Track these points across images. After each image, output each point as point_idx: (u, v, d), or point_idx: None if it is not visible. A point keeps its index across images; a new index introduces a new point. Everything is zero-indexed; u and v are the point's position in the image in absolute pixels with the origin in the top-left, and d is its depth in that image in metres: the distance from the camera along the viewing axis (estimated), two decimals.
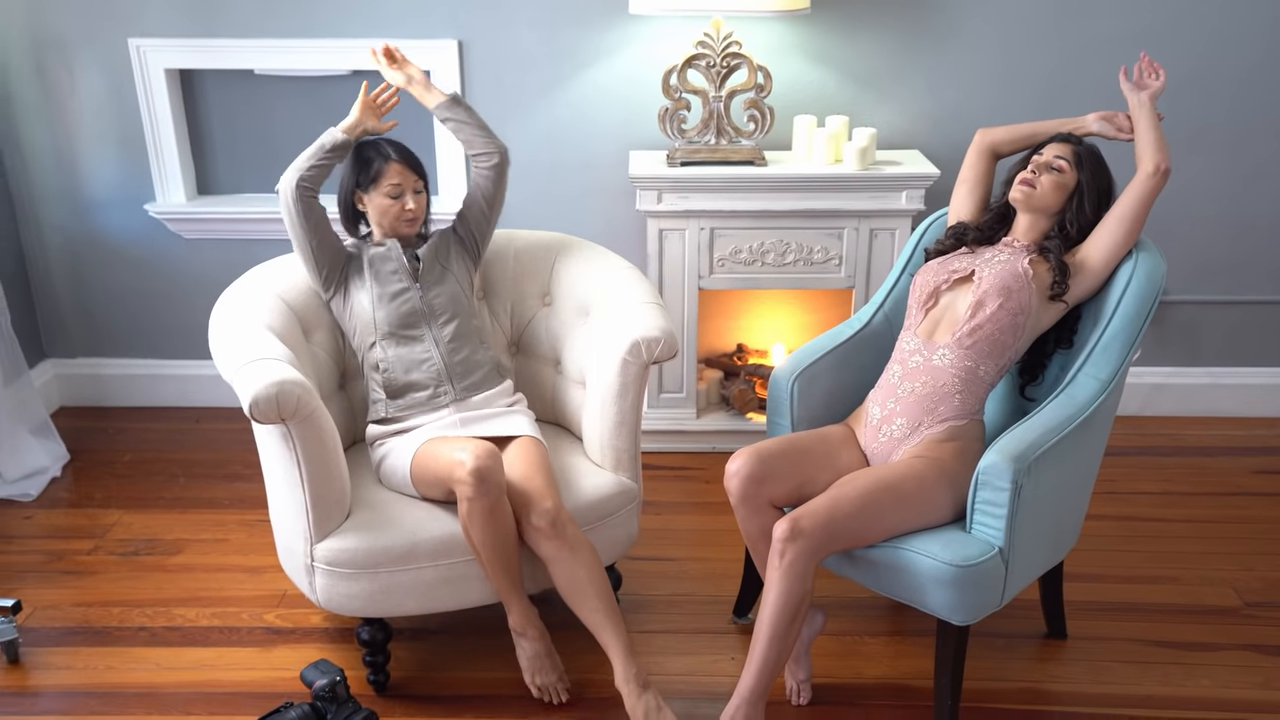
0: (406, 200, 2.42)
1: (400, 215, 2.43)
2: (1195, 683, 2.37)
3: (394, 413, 2.41)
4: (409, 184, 2.42)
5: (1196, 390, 3.57)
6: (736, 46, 3.09)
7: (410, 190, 2.42)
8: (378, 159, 2.41)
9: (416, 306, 2.42)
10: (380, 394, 2.42)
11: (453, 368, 2.42)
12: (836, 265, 3.23)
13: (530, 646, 2.32)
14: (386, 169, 2.40)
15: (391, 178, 2.40)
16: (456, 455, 2.21)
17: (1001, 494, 2.07)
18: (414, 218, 2.44)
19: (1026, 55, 3.25)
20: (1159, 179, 2.21)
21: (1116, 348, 2.23)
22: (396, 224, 2.44)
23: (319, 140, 2.39)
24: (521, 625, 2.31)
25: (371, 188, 2.42)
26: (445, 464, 2.23)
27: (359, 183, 2.43)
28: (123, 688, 2.38)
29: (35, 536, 2.96)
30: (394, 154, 2.42)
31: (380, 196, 2.42)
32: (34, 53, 3.30)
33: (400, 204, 2.42)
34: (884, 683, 2.40)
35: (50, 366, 3.67)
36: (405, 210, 2.42)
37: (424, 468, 2.30)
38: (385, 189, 2.41)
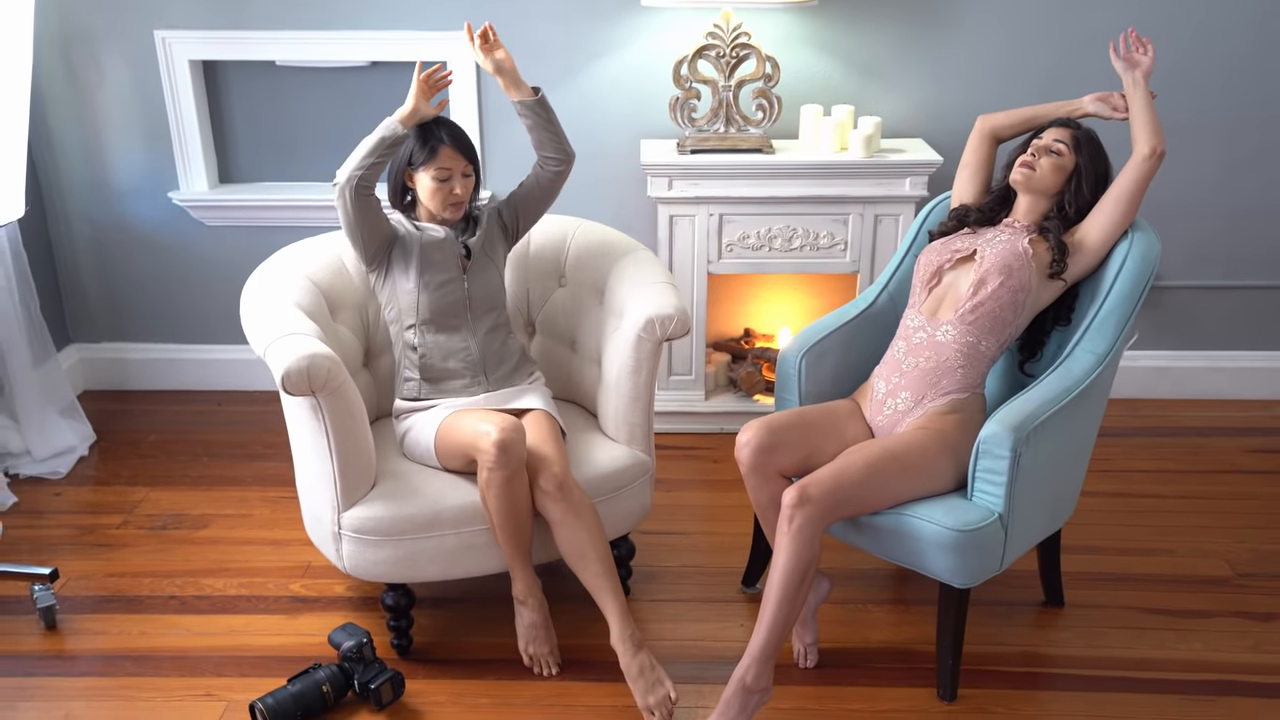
0: (454, 185, 2.43)
1: (447, 199, 2.43)
2: (1187, 647, 2.46)
3: (427, 394, 2.49)
4: (459, 168, 2.42)
5: (1194, 373, 3.66)
6: (745, 37, 3.18)
7: (459, 174, 2.43)
8: (430, 140, 2.40)
9: (460, 297, 2.48)
10: (414, 375, 2.49)
11: (488, 359, 2.50)
12: (842, 250, 3.32)
13: (529, 616, 2.41)
14: (439, 151, 2.40)
15: (443, 161, 2.40)
16: (482, 427, 2.29)
17: (1001, 462, 2.16)
18: (460, 202, 2.45)
19: (1028, 46, 3.33)
20: (1154, 161, 2.29)
21: (1112, 323, 2.31)
22: (442, 207, 2.44)
23: (377, 134, 2.36)
24: (524, 594, 2.40)
25: (422, 168, 2.42)
26: (470, 435, 2.32)
27: (410, 161, 2.43)
28: (156, 651, 2.48)
29: (66, 512, 3.06)
30: (447, 137, 2.41)
31: (429, 178, 2.42)
32: (62, 46, 3.40)
33: (449, 187, 2.42)
34: (888, 647, 2.49)
35: (75, 351, 3.76)
36: (452, 194, 2.43)
37: (448, 439, 2.38)
38: (435, 171, 2.41)
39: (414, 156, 2.42)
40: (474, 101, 3.44)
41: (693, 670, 2.39)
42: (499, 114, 3.45)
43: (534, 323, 2.82)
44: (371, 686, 2.26)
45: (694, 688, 2.33)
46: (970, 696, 2.32)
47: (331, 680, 2.27)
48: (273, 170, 3.63)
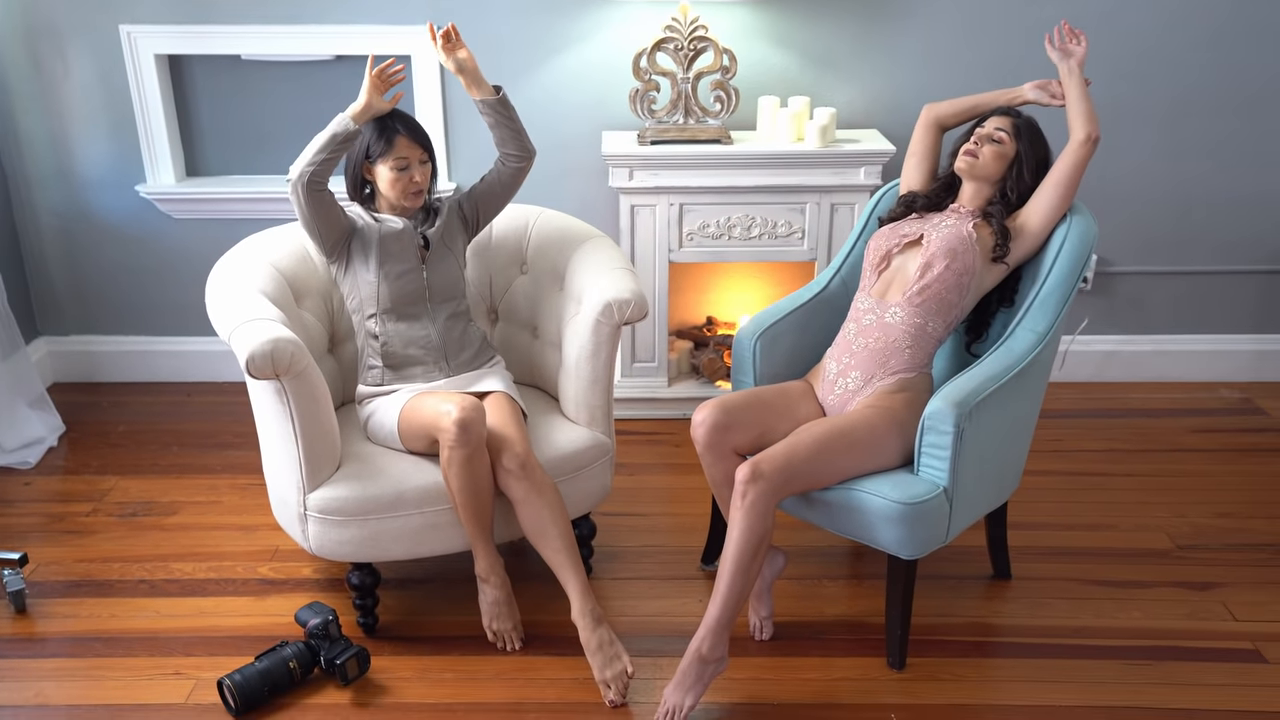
0: (413, 173, 2.47)
1: (407, 188, 2.47)
2: (1127, 615, 2.56)
3: (390, 381, 2.55)
4: (415, 156, 2.47)
5: (1143, 357, 3.77)
6: (703, 30, 3.26)
7: (416, 163, 2.47)
8: (386, 132, 2.44)
9: (420, 286, 2.53)
10: (377, 362, 2.55)
11: (449, 345, 2.56)
12: (799, 238, 3.40)
13: (491, 593, 2.47)
14: (395, 142, 2.44)
15: (400, 151, 2.44)
16: (442, 407, 2.35)
17: (945, 437, 2.24)
18: (419, 190, 2.49)
19: (979, 39, 3.43)
20: (1089, 146, 2.39)
21: (1052, 303, 2.40)
22: (402, 196, 2.48)
23: (329, 130, 2.40)
24: (486, 572, 2.46)
25: (379, 160, 2.46)
26: (431, 415, 2.38)
27: (368, 154, 2.47)
28: (126, 633, 2.52)
29: (36, 500, 3.10)
30: (401, 127, 2.45)
31: (387, 169, 2.45)
32: (28, 40, 3.43)
33: (408, 176, 2.46)
34: (842, 620, 2.57)
35: (44, 344, 3.79)
36: (412, 183, 2.47)
37: (410, 421, 2.44)
38: (393, 161, 2.44)
39: (371, 149, 2.46)
40: (438, 96, 3.49)
41: (653, 644, 2.46)
42: (464, 109, 3.51)
43: (496, 309, 2.88)
44: (337, 662, 2.31)
45: (653, 661, 2.40)
46: (919, 665, 2.41)
47: (298, 657, 2.32)
48: (239, 163, 3.67)
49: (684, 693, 2.21)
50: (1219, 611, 2.57)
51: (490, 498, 2.41)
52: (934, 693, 2.32)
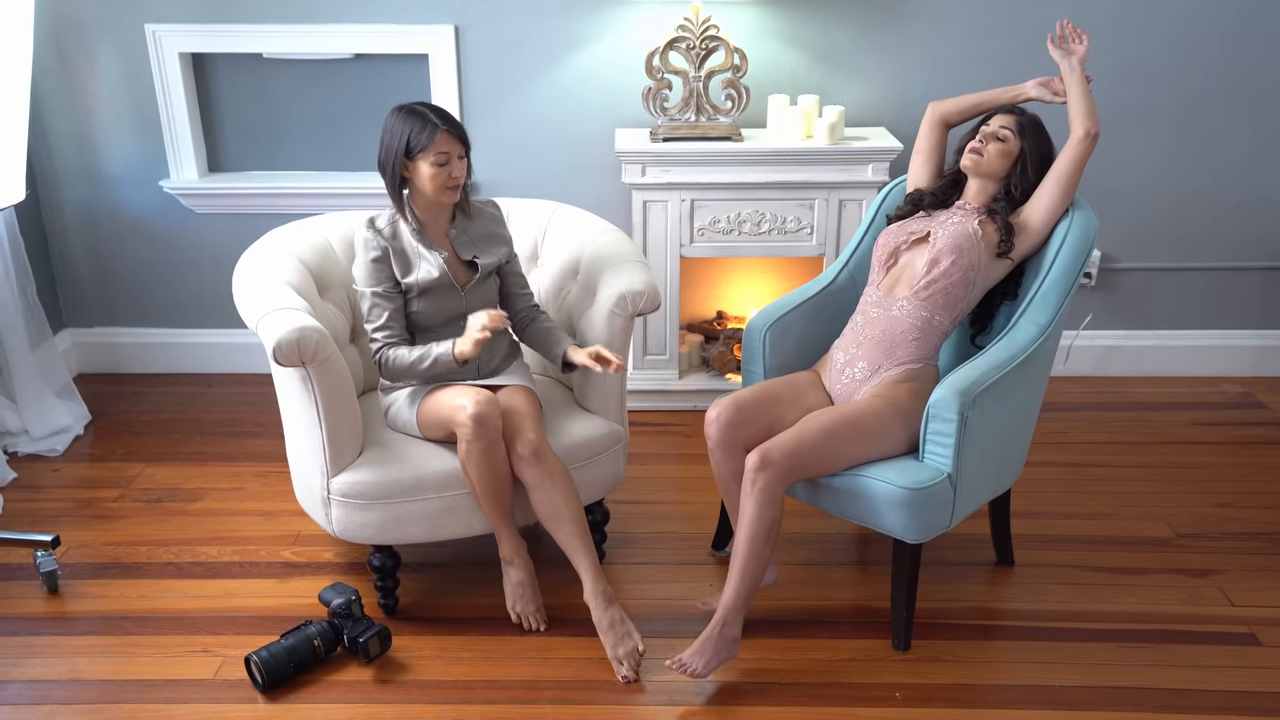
0: (452, 168, 2.44)
1: (445, 182, 2.44)
2: (1125, 600, 2.63)
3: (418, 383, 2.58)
4: (455, 151, 2.44)
5: (1145, 352, 3.83)
6: (714, 30, 3.33)
7: (455, 157, 2.45)
8: (425, 128, 2.41)
9: (460, 310, 2.55)
10: None
11: (481, 357, 2.58)
12: (808, 234, 3.47)
13: (515, 575, 2.55)
14: (435, 137, 2.41)
15: (440, 145, 2.41)
16: (459, 400, 2.43)
17: (949, 424, 2.31)
18: (457, 185, 2.47)
19: (987, 39, 3.49)
20: (1089, 143, 2.45)
21: (1054, 295, 2.47)
22: (440, 192, 2.46)
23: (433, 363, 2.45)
24: (510, 555, 2.55)
25: (419, 155, 2.42)
26: (448, 408, 2.45)
27: (408, 151, 2.44)
28: (154, 612, 2.61)
29: (64, 486, 3.19)
30: (441, 122, 2.43)
31: (427, 165, 2.42)
32: (56, 39, 3.52)
33: (447, 171, 2.44)
34: (848, 604, 2.64)
35: (69, 335, 3.88)
36: (450, 177, 2.45)
37: (428, 413, 2.51)
38: (434, 156, 2.41)
39: (411, 145, 2.43)
40: (455, 95, 3.57)
41: (664, 626, 2.54)
42: (480, 108, 3.59)
43: None
44: (360, 640, 2.39)
45: (664, 642, 2.48)
46: (923, 646, 2.48)
47: (322, 635, 2.40)
48: (260, 159, 3.75)
49: (700, 658, 2.28)
50: (1216, 597, 2.63)
51: (509, 484, 2.49)
52: (938, 673, 2.40)
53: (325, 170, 3.74)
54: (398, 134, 2.45)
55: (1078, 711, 2.27)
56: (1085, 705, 2.29)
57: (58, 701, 2.32)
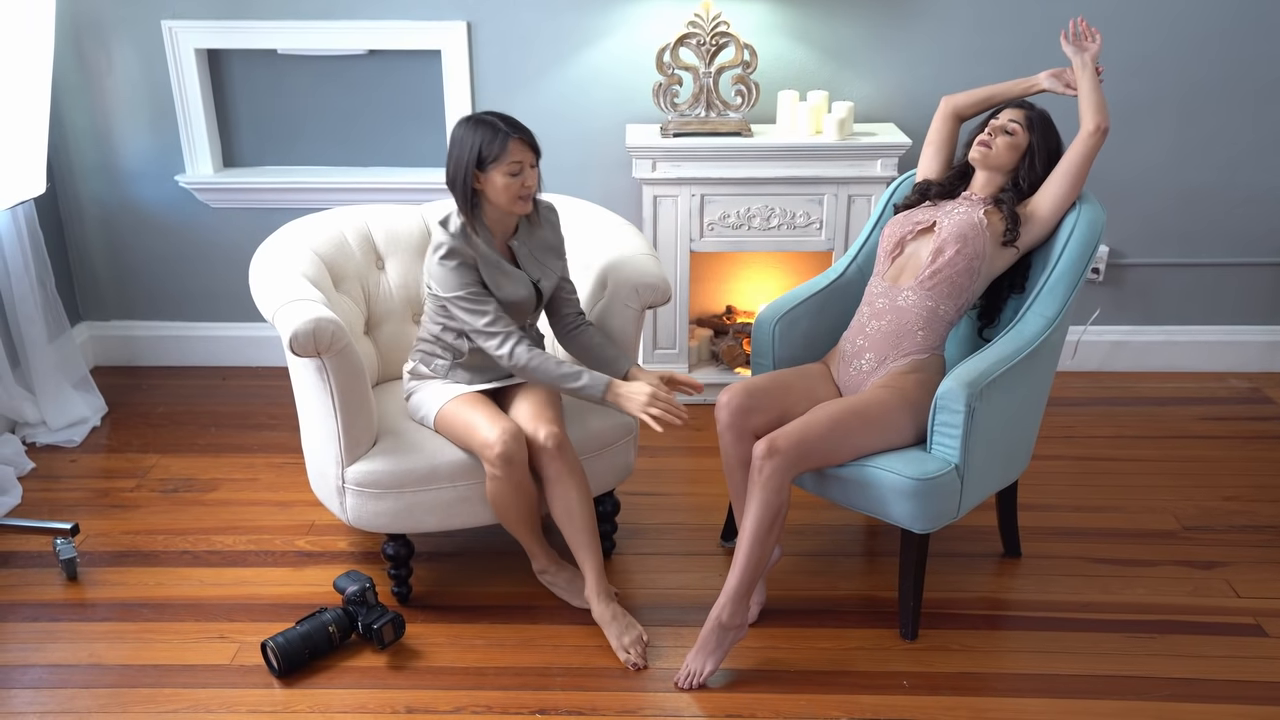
0: (525, 178, 2.39)
1: (518, 193, 2.39)
2: (1131, 591, 2.65)
3: (451, 376, 2.57)
4: (528, 160, 2.39)
5: (1152, 347, 3.85)
6: (724, 26, 3.36)
7: (528, 166, 2.39)
8: (497, 139, 2.35)
9: (526, 326, 2.56)
10: (447, 359, 2.55)
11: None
12: (817, 229, 3.49)
13: (561, 577, 2.60)
14: (509, 147, 2.35)
15: (514, 155, 2.35)
16: (485, 435, 2.39)
17: (957, 416, 2.34)
18: (529, 194, 2.42)
19: (995, 34, 3.51)
20: (1098, 137, 2.47)
21: (1061, 288, 2.49)
22: (513, 202, 2.40)
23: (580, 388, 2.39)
24: (544, 564, 2.61)
25: (492, 166, 2.36)
26: (474, 438, 2.42)
27: (480, 163, 2.37)
28: (172, 599, 2.65)
29: (82, 477, 3.23)
30: (513, 130, 2.37)
31: (501, 175, 2.36)
32: (74, 35, 3.56)
33: (520, 181, 2.38)
34: (856, 594, 2.67)
35: (86, 328, 3.93)
36: (524, 187, 2.39)
37: (450, 427, 2.50)
38: (507, 166, 2.35)
39: (484, 156, 2.36)
40: (468, 93, 3.60)
41: (673, 615, 2.57)
42: (492, 101, 3.61)
43: None
44: (374, 627, 2.43)
45: (673, 631, 2.51)
46: (930, 636, 2.50)
47: (337, 622, 2.44)
48: (274, 154, 3.79)
49: (705, 658, 2.32)
50: (1222, 589, 2.65)
51: (536, 505, 2.51)
52: (945, 662, 2.42)
53: (339, 165, 3.78)
54: (468, 145, 2.37)
55: (1084, 700, 2.30)
56: (1091, 694, 2.31)
57: (78, 686, 2.36)
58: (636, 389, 2.39)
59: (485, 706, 2.30)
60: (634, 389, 2.39)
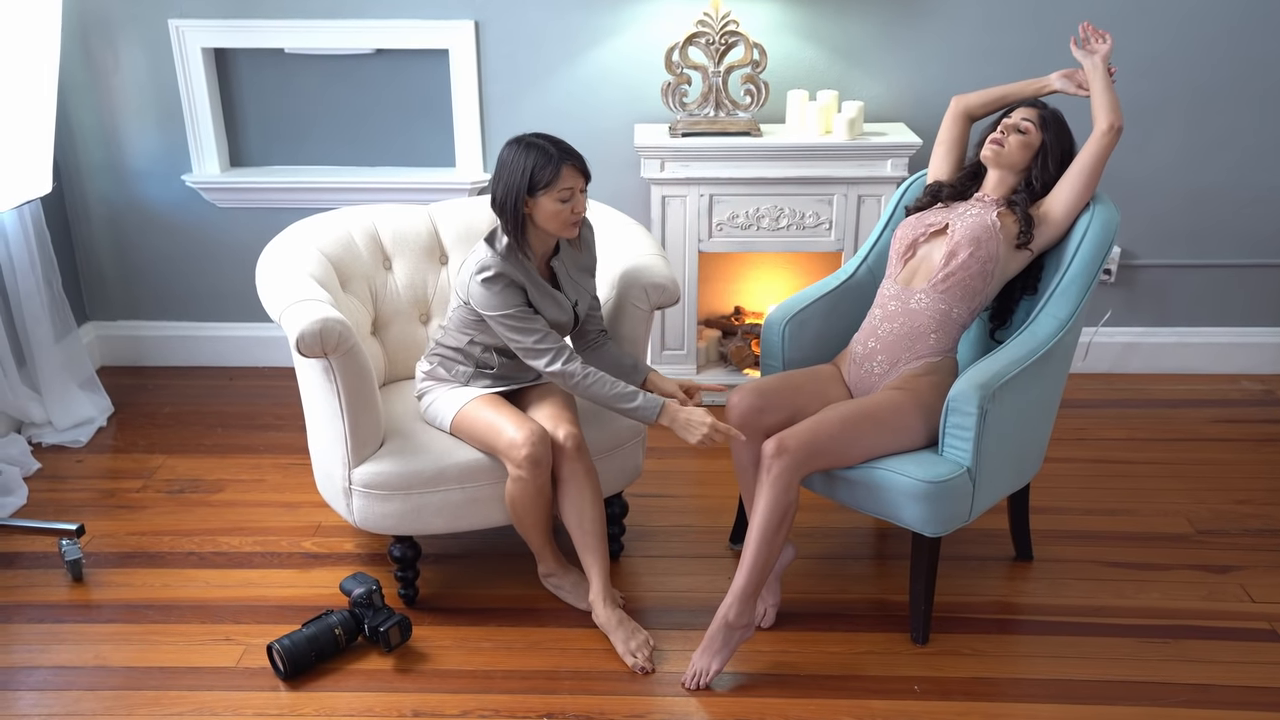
0: (576, 203, 2.36)
1: (568, 219, 2.36)
2: (1145, 596, 2.62)
3: (470, 382, 2.54)
4: (578, 185, 2.35)
5: (1164, 349, 3.82)
6: (734, 25, 3.34)
7: (578, 191, 2.36)
8: (549, 164, 2.31)
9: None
10: (469, 367, 2.52)
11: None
12: (827, 229, 3.47)
13: (567, 580, 2.59)
14: (561, 173, 2.31)
15: (565, 181, 2.32)
16: (511, 434, 2.37)
17: (969, 418, 2.31)
18: (579, 219, 2.39)
19: (1005, 34, 3.49)
20: (1112, 136, 2.45)
21: (1075, 290, 2.47)
22: (563, 227, 2.37)
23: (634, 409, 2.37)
24: (552, 568, 2.59)
25: (543, 191, 2.32)
26: (500, 439, 2.39)
27: (530, 188, 2.33)
28: (177, 601, 2.64)
29: (88, 477, 3.22)
30: (565, 155, 2.34)
31: (552, 201, 2.33)
32: (81, 34, 3.55)
33: (570, 207, 2.35)
34: (866, 598, 2.65)
35: (92, 328, 3.92)
36: (574, 213, 2.36)
37: (470, 429, 2.47)
38: (558, 193, 2.32)
39: (535, 181, 2.32)
40: (475, 91, 3.59)
41: (682, 618, 2.55)
42: (500, 101, 3.60)
43: None
44: (381, 629, 2.41)
45: (682, 634, 2.49)
46: (941, 640, 2.48)
47: (343, 624, 2.42)
48: (281, 154, 3.78)
49: (711, 657, 2.31)
50: (1236, 593, 2.63)
51: (551, 507, 2.49)
52: (956, 666, 2.40)
53: (346, 165, 3.77)
54: (519, 170, 2.32)
55: (1097, 706, 2.27)
56: (1104, 700, 2.29)
57: (83, 688, 2.35)
58: (697, 418, 2.37)
59: (492, 710, 2.28)
60: (694, 416, 2.37)
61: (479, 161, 3.67)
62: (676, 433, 2.39)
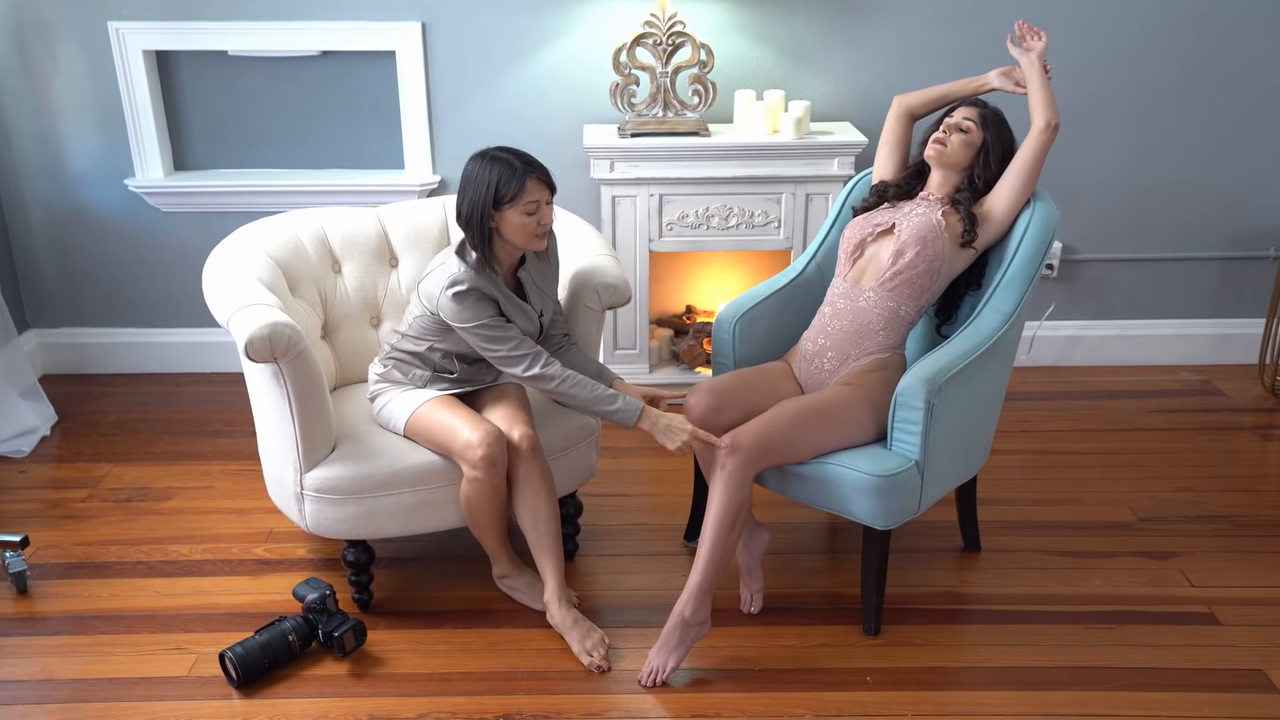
0: (542, 215, 2.36)
1: (534, 231, 2.36)
2: (1090, 583, 2.69)
3: (427, 385, 2.53)
4: (544, 197, 2.36)
5: (1107, 341, 3.91)
6: (681, 26, 3.36)
7: (544, 203, 2.36)
8: (514, 178, 2.31)
9: None
10: (425, 371, 2.52)
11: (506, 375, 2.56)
12: (776, 228, 3.51)
13: (522, 581, 2.59)
14: (526, 186, 2.31)
15: (530, 195, 2.32)
16: (466, 435, 2.37)
17: (916, 412, 2.35)
18: (545, 231, 2.39)
19: (950, 33, 3.54)
20: (1049, 134, 2.50)
21: (1017, 285, 2.52)
22: (529, 240, 2.37)
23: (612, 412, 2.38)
24: (506, 569, 2.59)
25: (509, 205, 2.32)
26: (455, 440, 2.39)
27: (496, 202, 2.32)
28: (126, 611, 2.60)
29: (31, 488, 3.16)
30: (530, 169, 2.34)
31: (518, 214, 2.33)
32: (17, 36, 3.48)
33: (536, 219, 2.35)
34: (819, 591, 2.68)
35: (34, 336, 3.84)
36: (540, 225, 2.36)
37: (425, 430, 2.46)
38: (524, 206, 2.32)
39: (500, 195, 2.32)
40: (423, 91, 3.57)
41: (638, 616, 2.56)
42: (449, 103, 3.59)
43: None
44: (335, 635, 2.40)
45: (639, 632, 2.50)
46: (893, 631, 2.52)
47: (297, 630, 2.40)
48: (226, 157, 3.73)
49: (667, 654, 2.33)
50: (1177, 578, 2.70)
51: (506, 508, 2.50)
52: (908, 656, 2.44)
53: (293, 168, 3.73)
54: (484, 184, 2.32)
55: (1044, 691, 2.32)
56: (1051, 685, 2.34)
57: (29, 701, 2.31)
58: (678, 424, 2.39)
59: (449, 712, 2.28)
60: (674, 422, 2.40)
61: (427, 164, 3.66)
62: (656, 437, 2.41)
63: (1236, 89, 3.61)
